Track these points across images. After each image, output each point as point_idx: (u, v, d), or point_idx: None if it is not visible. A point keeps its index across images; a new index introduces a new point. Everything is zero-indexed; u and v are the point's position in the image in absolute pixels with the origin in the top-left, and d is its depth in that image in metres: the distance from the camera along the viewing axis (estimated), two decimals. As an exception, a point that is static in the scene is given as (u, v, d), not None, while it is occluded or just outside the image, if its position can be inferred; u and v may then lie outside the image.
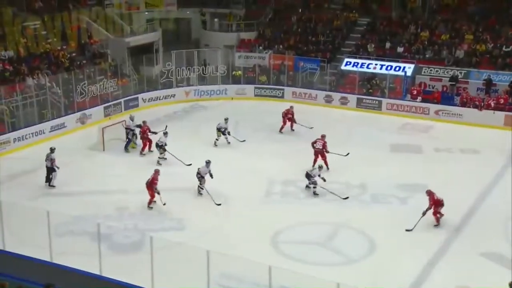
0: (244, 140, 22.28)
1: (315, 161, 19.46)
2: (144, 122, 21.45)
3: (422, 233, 15.43)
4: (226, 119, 22.30)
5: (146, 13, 33.58)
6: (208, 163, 17.79)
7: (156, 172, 16.94)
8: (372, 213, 16.60)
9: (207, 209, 16.80)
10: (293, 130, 23.94)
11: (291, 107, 24.37)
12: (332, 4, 34.17)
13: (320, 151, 19.54)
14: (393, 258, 14.33)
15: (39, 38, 26.95)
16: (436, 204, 15.62)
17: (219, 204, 17.04)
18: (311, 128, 23.14)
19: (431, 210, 15.65)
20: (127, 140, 21.51)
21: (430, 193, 15.73)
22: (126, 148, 21.43)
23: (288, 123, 23.88)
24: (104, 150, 21.28)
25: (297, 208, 17.05)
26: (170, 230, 15.46)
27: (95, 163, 20.15)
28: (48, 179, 18.24)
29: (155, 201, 16.91)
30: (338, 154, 19.85)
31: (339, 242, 15.01)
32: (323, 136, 19.84)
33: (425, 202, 17.31)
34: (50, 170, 18.16)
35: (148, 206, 16.89)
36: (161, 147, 20.07)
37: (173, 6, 34.32)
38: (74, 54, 27.81)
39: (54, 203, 16.55)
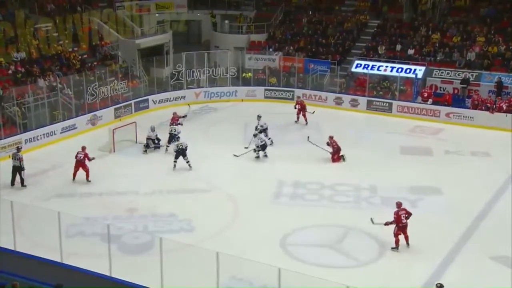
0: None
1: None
2: (174, 113, 23.02)
3: (431, 236, 15.35)
4: (259, 116, 22.72)
5: (157, 15, 33.72)
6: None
7: (84, 148, 18.88)
8: (382, 215, 16.47)
9: (217, 211, 16.84)
10: (306, 124, 24.62)
11: (298, 97, 25.88)
12: (343, 6, 34.11)
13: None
14: (403, 261, 14.25)
15: (51, 40, 27.18)
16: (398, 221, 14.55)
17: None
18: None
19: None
20: (154, 146, 21.62)
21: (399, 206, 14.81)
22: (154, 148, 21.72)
23: (302, 117, 24.86)
24: (114, 151, 21.38)
25: (306, 210, 17.03)
26: (180, 232, 15.50)
27: (105, 165, 20.21)
28: (13, 180, 18.16)
29: (88, 179, 18.67)
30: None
31: (348, 245, 14.96)
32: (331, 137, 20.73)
33: (435, 204, 17.32)
34: (18, 169, 18.15)
35: (87, 180, 18.68)
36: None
37: (183, 8, 34.43)
38: (85, 56, 28.04)
39: (65, 204, 16.65)
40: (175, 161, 19.73)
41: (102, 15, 30.17)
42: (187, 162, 19.68)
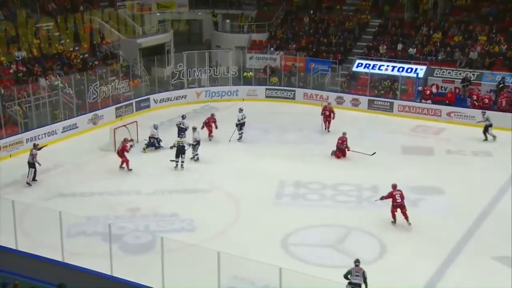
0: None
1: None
2: (212, 114, 23.20)
3: (433, 236, 15.34)
4: (240, 109, 22.95)
5: (158, 14, 33.73)
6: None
7: (125, 140, 19.74)
8: (384, 215, 16.49)
9: (218, 211, 16.83)
10: (329, 131, 23.61)
11: (329, 103, 24.63)
12: (344, 6, 34.10)
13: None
14: (404, 261, 14.24)
15: (52, 39, 27.21)
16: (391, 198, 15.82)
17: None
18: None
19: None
20: (155, 146, 21.65)
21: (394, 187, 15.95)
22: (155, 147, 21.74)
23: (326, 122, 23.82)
24: (115, 150, 21.32)
25: (308, 210, 17.01)
26: (181, 231, 15.49)
27: (106, 164, 20.25)
28: (33, 176, 18.44)
29: (129, 168, 19.48)
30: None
31: (350, 245, 14.94)
32: (344, 134, 21.11)
33: (437, 204, 17.31)
34: (30, 165, 18.33)
35: (120, 167, 19.57)
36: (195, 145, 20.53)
37: (184, 7, 34.41)
38: (86, 55, 28.04)
39: (67, 204, 16.66)
40: (176, 161, 19.73)
41: (103, 14, 30.18)
42: (182, 162, 19.69)
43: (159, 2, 33.39)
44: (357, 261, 12.30)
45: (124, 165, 19.62)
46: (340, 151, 20.88)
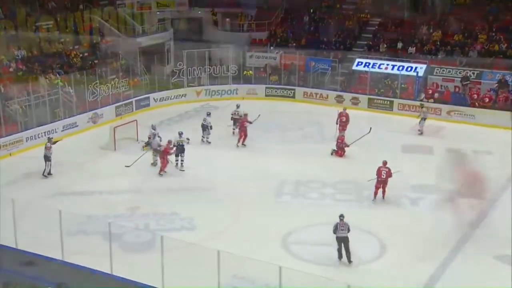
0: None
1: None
2: (245, 114, 22.17)
3: (433, 234, 15.34)
4: (238, 105, 23.20)
5: (158, 13, 33.63)
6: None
7: (169, 142, 19.05)
8: (384, 214, 16.54)
9: (218, 210, 16.83)
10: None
11: (344, 108, 23.57)
12: (344, 4, 34.08)
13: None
14: (404, 260, 14.25)
15: (52, 38, 27.14)
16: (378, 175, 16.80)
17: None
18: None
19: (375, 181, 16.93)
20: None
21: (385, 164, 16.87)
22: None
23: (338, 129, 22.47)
24: (115, 149, 21.38)
25: (308, 209, 17.01)
26: (181, 230, 15.49)
27: (106, 163, 20.26)
28: (49, 170, 18.77)
29: (161, 173, 19.11)
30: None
31: (350, 244, 14.90)
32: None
33: (436, 203, 17.31)
34: (46, 158, 18.62)
35: (159, 173, 19.06)
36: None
37: (184, 6, 34.35)
38: (86, 54, 28.01)
39: (66, 202, 16.65)
40: (176, 159, 19.73)
41: (103, 13, 30.16)
42: (182, 161, 19.64)
43: (159, 0, 33.32)
44: (341, 216, 13.61)
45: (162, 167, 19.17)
46: (341, 149, 20.89)
